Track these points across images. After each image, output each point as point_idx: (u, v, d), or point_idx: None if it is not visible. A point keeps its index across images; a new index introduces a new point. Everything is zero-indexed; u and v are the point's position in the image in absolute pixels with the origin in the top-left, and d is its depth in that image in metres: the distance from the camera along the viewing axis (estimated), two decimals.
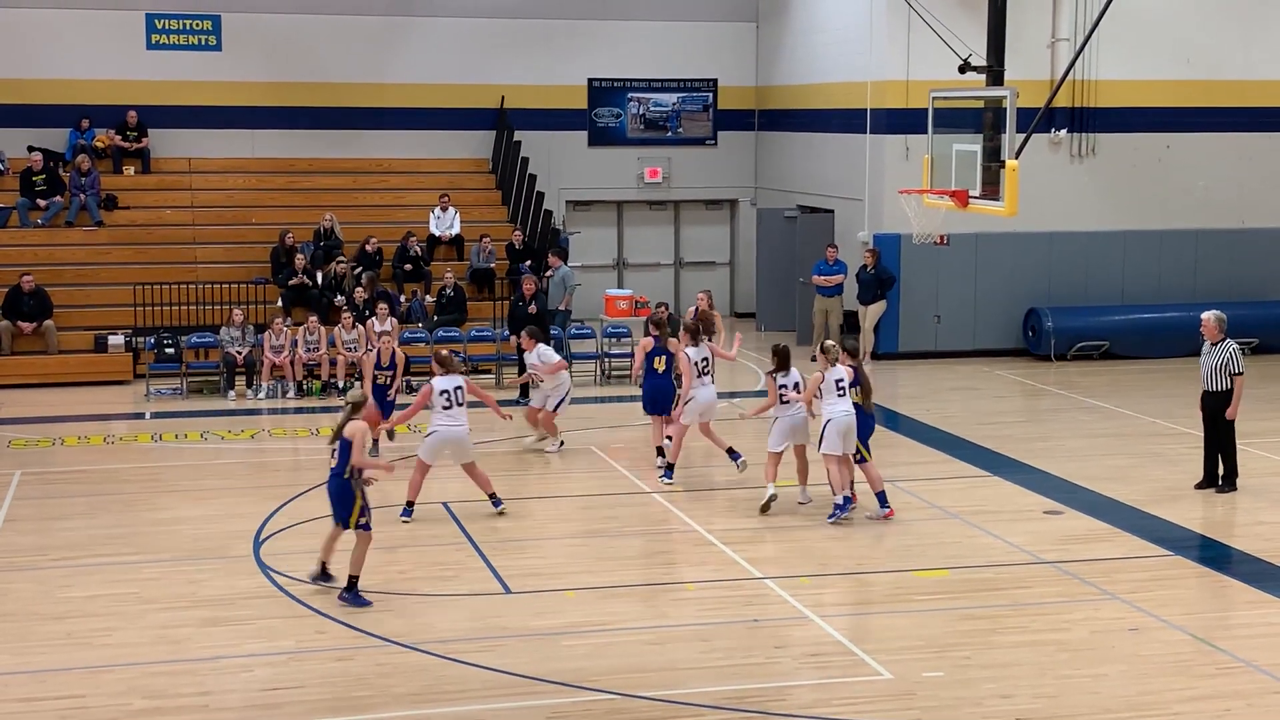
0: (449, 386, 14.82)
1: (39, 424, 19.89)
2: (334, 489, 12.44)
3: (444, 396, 14.78)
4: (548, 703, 10.34)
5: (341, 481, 12.34)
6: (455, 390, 14.84)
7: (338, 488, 12.39)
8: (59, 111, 26.67)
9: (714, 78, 29.64)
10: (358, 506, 12.30)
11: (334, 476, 12.40)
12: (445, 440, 14.86)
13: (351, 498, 12.31)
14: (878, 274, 24.34)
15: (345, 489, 12.34)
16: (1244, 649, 11.36)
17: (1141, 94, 25.41)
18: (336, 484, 12.39)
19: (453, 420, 14.77)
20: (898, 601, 12.64)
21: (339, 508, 12.40)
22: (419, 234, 25.55)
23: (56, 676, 10.83)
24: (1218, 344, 16.04)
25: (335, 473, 12.38)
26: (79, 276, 24.46)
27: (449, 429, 14.79)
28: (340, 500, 12.38)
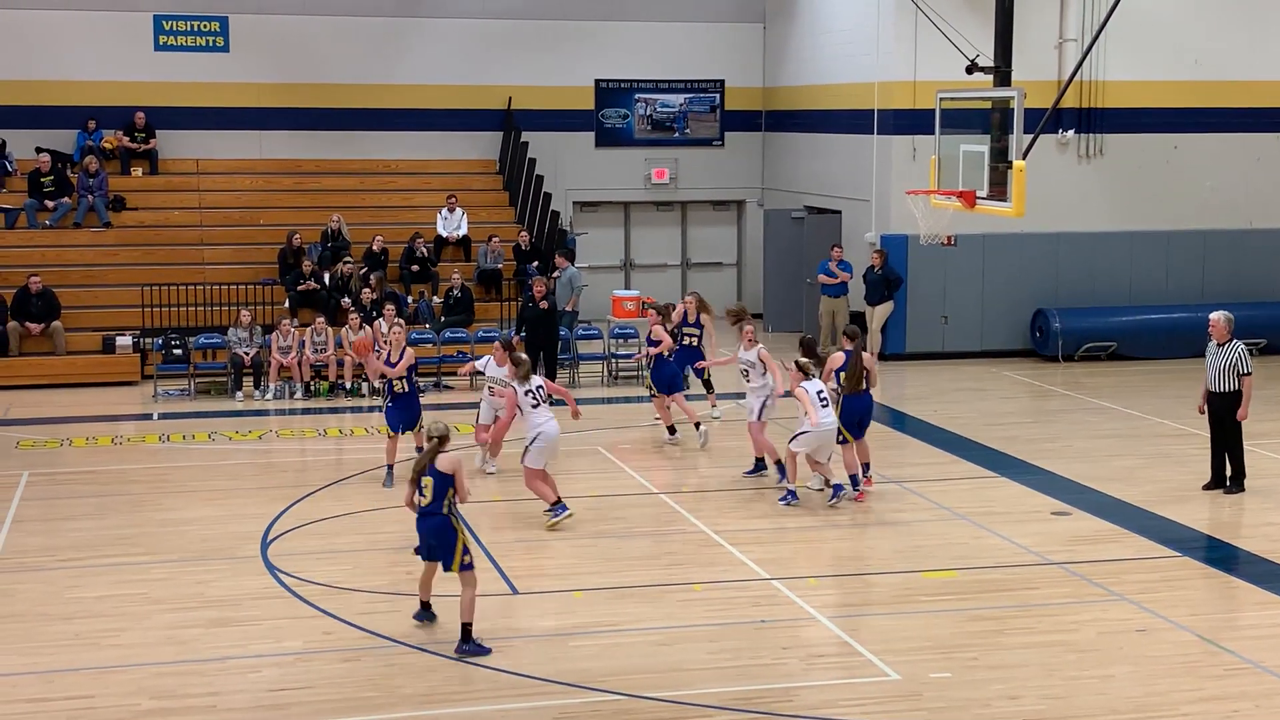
0: (531, 386, 14.75)
1: (47, 425, 19.92)
2: (432, 527, 11.36)
3: (530, 396, 14.70)
4: (555, 703, 10.35)
5: (442, 519, 11.33)
6: (538, 389, 14.77)
7: (438, 525, 11.34)
8: (67, 113, 26.72)
9: (721, 79, 29.64)
10: (460, 545, 11.34)
11: (430, 515, 11.35)
12: (551, 438, 14.66)
13: (454, 536, 11.33)
14: (885, 275, 24.34)
15: (446, 527, 11.34)
16: (1252, 650, 11.35)
17: (1149, 95, 25.38)
18: (437, 522, 11.34)
19: (550, 416, 14.72)
20: (905, 602, 12.64)
21: (440, 549, 11.38)
22: (426, 235, 25.57)
23: (64, 677, 10.85)
24: (1225, 344, 16.02)
25: (430, 510, 11.33)
26: (87, 277, 24.51)
27: (550, 425, 14.66)
28: (441, 539, 11.35)
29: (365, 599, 12.54)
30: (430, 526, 11.39)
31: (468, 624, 11.29)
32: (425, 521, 11.42)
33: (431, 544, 11.44)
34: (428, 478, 11.31)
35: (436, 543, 11.40)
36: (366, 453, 18.29)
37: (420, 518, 11.46)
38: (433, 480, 11.29)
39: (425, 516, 11.41)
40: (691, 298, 19.72)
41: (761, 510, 15.38)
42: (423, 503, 11.38)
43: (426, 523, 11.41)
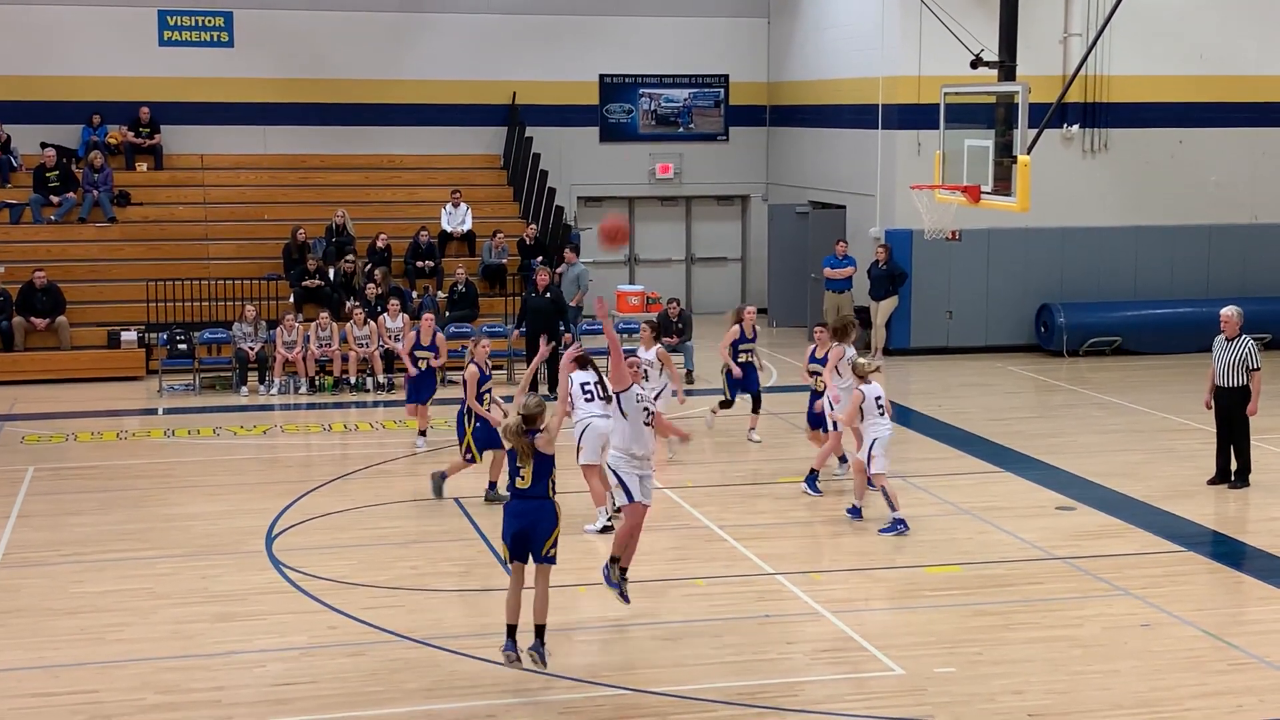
0: (588, 380, 14.43)
1: (52, 420, 19.95)
2: (533, 509, 10.54)
3: (584, 390, 14.42)
4: (559, 698, 10.35)
5: (547, 503, 10.58)
6: (596, 385, 14.33)
7: (541, 509, 10.55)
8: (72, 108, 26.74)
9: (725, 73, 29.62)
10: (555, 535, 10.62)
11: (531, 497, 10.56)
12: (599, 432, 13.98)
13: (555, 523, 10.59)
14: (889, 270, 24.33)
15: (550, 511, 10.58)
16: (1257, 645, 11.34)
17: (1154, 89, 25.36)
18: (540, 505, 10.55)
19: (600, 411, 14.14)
20: (909, 597, 12.63)
21: (537, 533, 10.55)
22: (431, 230, 25.58)
23: (69, 672, 10.86)
24: (1234, 339, 16.00)
25: (533, 493, 10.54)
26: (92, 272, 24.54)
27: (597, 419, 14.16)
28: (542, 522, 10.55)
29: (370, 594, 12.54)
30: (531, 508, 10.53)
31: (541, 625, 10.62)
32: (525, 503, 10.55)
33: (531, 531, 10.51)
34: (529, 457, 10.50)
35: (536, 527, 10.50)
36: (371, 448, 18.33)
37: (518, 500, 10.60)
38: (535, 462, 10.51)
39: (525, 497, 10.56)
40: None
41: (766, 505, 15.39)
42: (521, 485, 10.54)
43: (526, 504, 10.55)
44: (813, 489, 15.61)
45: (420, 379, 18.26)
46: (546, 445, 10.54)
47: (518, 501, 10.64)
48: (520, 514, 10.62)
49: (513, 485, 10.67)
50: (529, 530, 10.58)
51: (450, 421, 16.45)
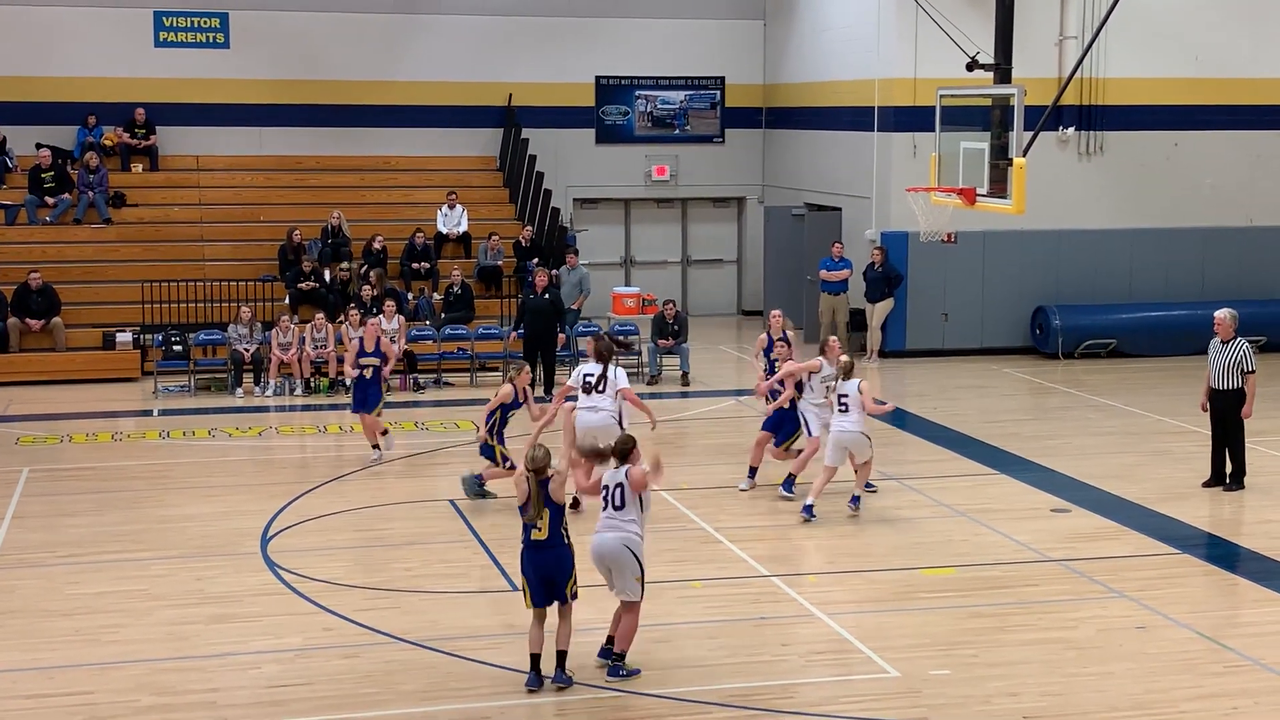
0: (591, 372, 14.57)
1: (47, 421, 19.93)
2: (553, 559, 10.50)
3: (585, 378, 14.55)
4: (554, 700, 10.35)
5: (563, 550, 10.53)
6: (599, 379, 14.48)
7: (559, 558, 10.51)
8: (67, 109, 26.73)
9: (721, 75, 29.63)
10: (574, 575, 10.60)
11: (549, 548, 10.50)
12: (584, 425, 13.97)
13: (572, 564, 10.57)
14: (885, 272, 24.34)
15: (567, 558, 10.54)
16: (1252, 647, 11.35)
17: (1149, 92, 25.38)
18: (558, 555, 10.50)
19: (590, 403, 14.33)
20: (904, 599, 12.63)
21: (560, 582, 10.54)
22: (427, 231, 25.57)
23: (64, 673, 10.85)
24: (1229, 342, 16.01)
25: (549, 543, 10.49)
26: (87, 274, 24.51)
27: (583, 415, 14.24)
28: (561, 571, 10.52)
29: (365, 595, 12.54)
30: (550, 559, 10.50)
31: (564, 651, 10.61)
32: (543, 554, 10.50)
33: (553, 579, 10.51)
34: (544, 509, 10.43)
35: (558, 576, 10.50)
36: (366, 449, 18.29)
37: (535, 551, 10.52)
38: (550, 512, 10.45)
39: (542, 549, 10.50)
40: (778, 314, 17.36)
41: (761, 507, 15.38)
42: (538, 536, 10.47)
43: (544, 555, 10.50)
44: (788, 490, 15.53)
45: (366, 387, 17.43)
46: (558, 492, 10.50)
47: (538, 553, 10.53)
48: (542, 565, 10.54)
49: (528, 536, 10.56)
50: (553, 579, 10.55)
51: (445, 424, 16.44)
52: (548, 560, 10.51)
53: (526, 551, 10.62)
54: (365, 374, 17.44)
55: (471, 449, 16.83)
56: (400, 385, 22.02)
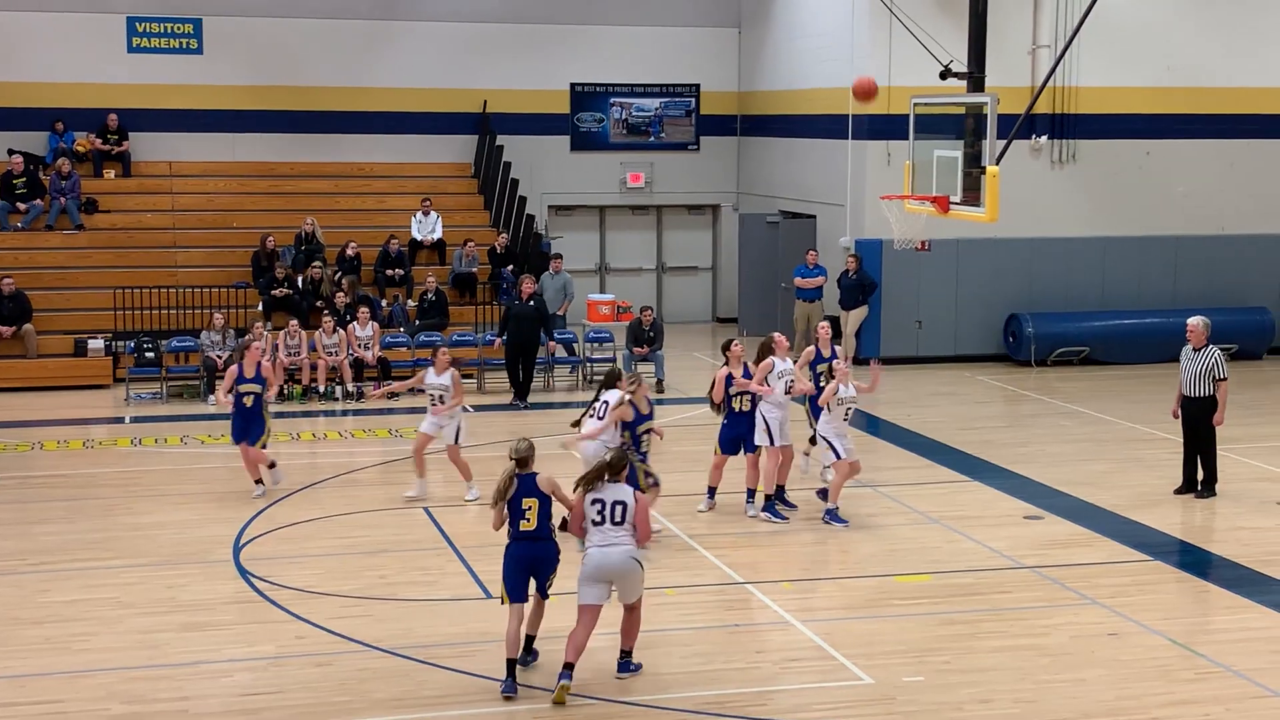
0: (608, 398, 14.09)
1: (17, 428, 19.81)
2: (541, 554, 10.63)
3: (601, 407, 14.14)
4: (528, 708, 10.33)
5: (552, 544, 10.69)
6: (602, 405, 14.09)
7: (547, 552, 10.65)
8: (39, 114, 26.58)
9: (696, 83, 29.67)
10: (554, 573, 10.78)
11: (537, 540, 10.61)
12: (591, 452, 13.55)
13: (557, 561, 10.75)
14: (859, 279, 24.39)
15: (555, 553, 10.73)
16: (1223, 654, 11.39)
17: (1122, 101, 25.50)
18: (546, 548, 10.64)
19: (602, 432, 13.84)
20: (878, 606, 12.65)
21: (543, 575, 10.70)
22: (401, 238, 25.53)
23: (35, 681, 10.79)
24: (1201, 350, 16.08)
25: (537, 535, 10.59)
26: (59, 280, 24.39)
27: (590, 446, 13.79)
28: (548, 565, 10.68)
29: (338, 603, 12.50)
30: (538, 553, 10.61)
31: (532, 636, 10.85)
32: (531, 547, 10.59)
33: (537, 570, 10.63)
34: (531, 499, 10.54)
35: (541, 568, 10.63)
36: (339, 456, 18.27)
37: (520, 543, 10.60)
38: (538, 502, 10.55)
39: (532, 541, 10.59)
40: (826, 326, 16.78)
41: (735, 515, 15.36)
42: (526, 527, 10.58)
43: (533, 548, 10.59)
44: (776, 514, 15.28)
45: (247, 416, 15.99)
46: (548, 485, 10.62)
47: (524, 544, 10.61)
48: (527, 556, 10.62)
49: (516, 528, 10.62)
50: (536, 569, 10.63)
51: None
52: (535, 551, 10.58)
53: (511, 545, 10.63)
54: (246, 402, 15.92)
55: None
56: (374, 392, 21.93)
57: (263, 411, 16.14)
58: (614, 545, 10.56)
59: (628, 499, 10.64)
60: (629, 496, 10.66)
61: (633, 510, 10.62)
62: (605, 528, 10.59)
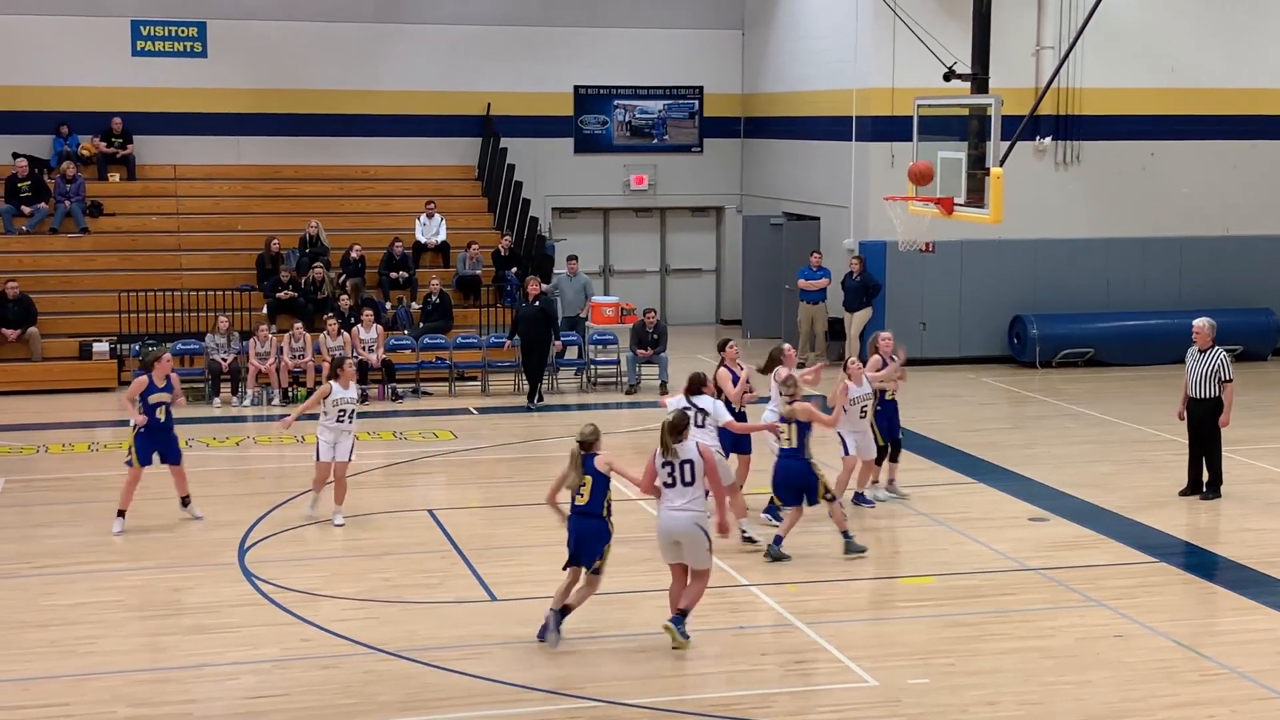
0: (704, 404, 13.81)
1: (23, 431, 19.82)
2: (589, 529, 11.33)
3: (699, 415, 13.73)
4: (533, 710, 10.33)
5: (600, 522, 11.34)
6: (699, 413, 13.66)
7: (595, 529, 11.33)
8: (44, 118, 26.62)
9: (700, 85, 29.67)
10: (607, 549, 11.42)
11: (588, 516, 11.34)
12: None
13: (607, 540, 11.38)
14: (863, 281, 24.38)
15: (603, 531, 11.36)
16: (1229, 655, 11.38)
17: (1125, 102, 25.49)
18: (595, 525, 11.33)
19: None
20: (883, 608, 12.65)
21: (589, 551, 11.34)
22: (405, 241, 25.53)
23: (40, 685, 10.79)
24: (1207, 351, 16.07)
25: (588, 511, 11.33)
26: (63, 283, 24.40)
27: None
28: (594, 542, 11.34)
29: (342, 606, 12.50)
30: (583, 528, 11.34)
31: (570, 607, 11.51)
32: (580, 521, 11.37)
33: (583, 546, 11.36)
34: (586, 476, 11.30)
35: (588, 545, 11.34)
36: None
37: (574, 516, 11.42)
38: (591, 479, 11.29)
39: (582, 516, 11.36)
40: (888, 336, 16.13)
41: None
42: (580, 502, 11.34)
43: (581, 523, 11.36)
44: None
45: (165, 432, 14.99)
46: (605, 466, 11.31)
47: (577, 518, 11.43)
48: (577, 529, 11.42)
49: (572, 502, 11.44)
50: (581, 542, 11.38)
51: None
52: (582, 526, 11.37)
53: (570, 515, 11.49)
54: (159, 415, 14.86)
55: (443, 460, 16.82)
56: (378, 395, 21.98)
57: (173, 428, 15.08)
58: (681, 510, 11.25)
59: (694, 457, 11.25)
60: (695, 454, 11.26)
61: (701, 467, 11.24)
62: (677, 489, 11.29)
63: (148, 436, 14.81)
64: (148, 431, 14.79)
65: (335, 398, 15.02)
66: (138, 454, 14.79)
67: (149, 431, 14.80)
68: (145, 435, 14.80)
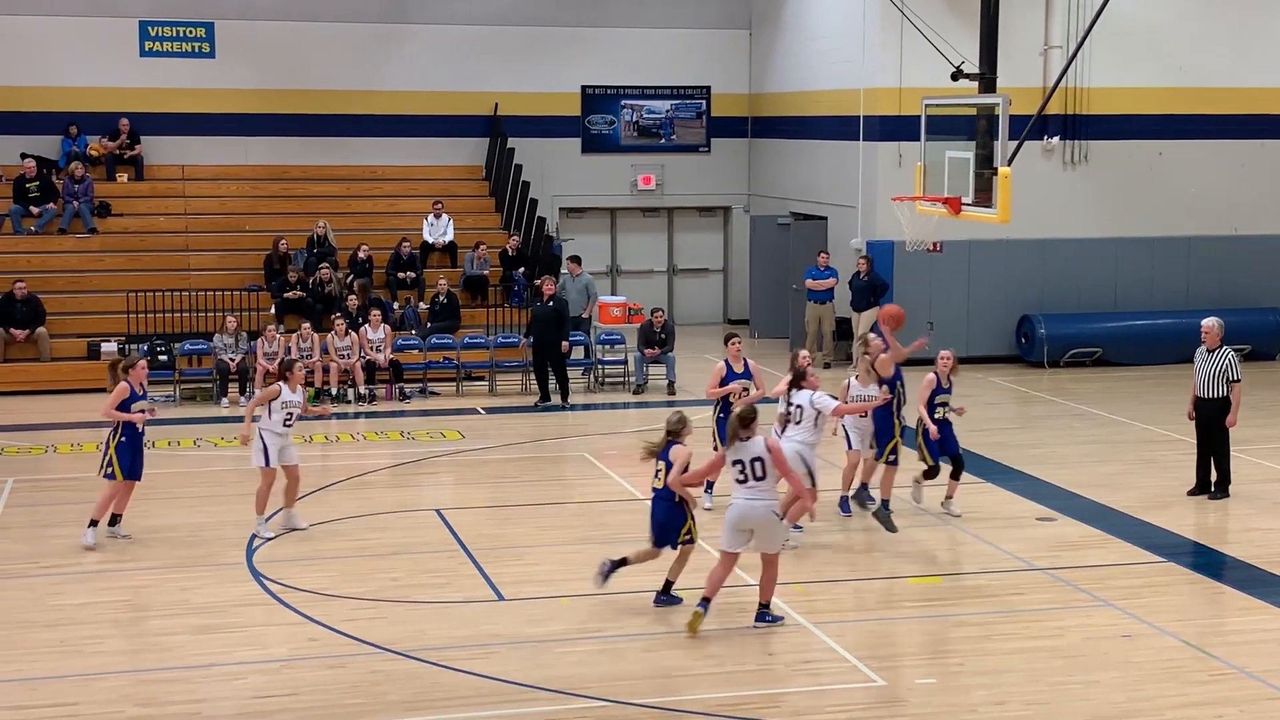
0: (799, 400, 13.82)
1: (31, 431, 19.86)
2: (662, 513, 12.10)
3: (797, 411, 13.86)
4: (541, 710, 10.33)
5: (673, 505, 12.05)
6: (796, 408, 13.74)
7: (667, 509, 12.06)
8: (53, 119, 26.67)
9: (707, 85, 29.67)
10: (686, 526, 12.10)
11: (662, 498, 12.10)
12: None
13: (683, 520, 12.07)
14: (871, 281, 24.37)
15: (675, 511, 12.05)
16: (1237, 655, 11.37)
17: (1133, 101, 25.46)
18: (667, 506, 12.06)
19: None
20: (890, 608, 12.64)
21: (668, 530, 12.08)
22: (412, 241, 25.55)
23: (48, 684, 10.81)
24: (1215, 351, 16.04)
25: (664, 494, 12.07)
26: (72, 283, 24.45)
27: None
28: (669, 520, 12.06)
29: (350, 605, 12.51)
30: (661, 508, 12.11)
31: (671, 581, 12.27)
32: (655, 502, 12.19)
33: (663, 525, 12.11)
34: (661, 462, 12.06)
35: (666, 523, 12.09)
36: (352, 459, 18.30)
37: (654, 500, 12.21)
38: (665, 466, 12.03)
39: (658, 498, 12.14)
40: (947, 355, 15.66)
41: None
42: (656, 485, 12.17)
43: (658, 504, 12.16)
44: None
45: (140, 441, 14.43)
46: (676, 456, 11.94)
47: (654, 501, 12.22)
48: (655, 511, 12.22)
49: (652, 484, 12.28)
50: (663, 525, 12.12)
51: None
52: (659, 509, 12.11)
53: (653, 498, 12.24)
54: (139, 425, 14.37)
55: (454, 459, 16.83)
56: (386, 395, 22.00)
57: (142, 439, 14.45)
58: (757, 500, 11.61)
59: (763, 453, 11.60)
60: (763, 450, 11.61)
61: (769, 462, 11.60)
62: (749, 484, 11.63)
63: (130, 445, 14.27)
64: (129, 441, 14.26)
65: (284, 400, 14.49)
66: (120, 465, 14.21)
67: (130, 441, 14.26)
68: (128, 444, 14.26)
